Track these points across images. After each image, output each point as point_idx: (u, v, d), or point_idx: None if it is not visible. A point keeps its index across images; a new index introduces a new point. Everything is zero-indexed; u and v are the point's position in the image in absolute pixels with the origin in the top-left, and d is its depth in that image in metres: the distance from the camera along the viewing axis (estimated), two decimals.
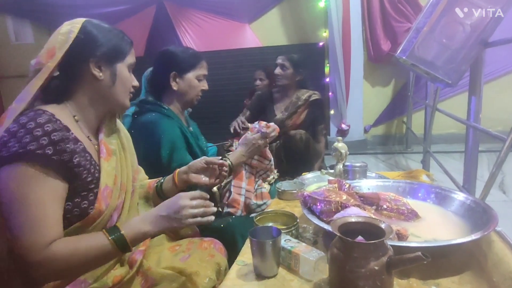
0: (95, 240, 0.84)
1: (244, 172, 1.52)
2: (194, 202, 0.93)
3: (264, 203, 1.48)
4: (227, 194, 1.50)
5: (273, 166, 1.62)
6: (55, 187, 0.81)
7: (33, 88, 0.86)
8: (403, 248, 0.83)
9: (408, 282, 0.82)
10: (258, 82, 3.39)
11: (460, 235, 0.95)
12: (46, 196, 0.79)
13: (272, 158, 1.60)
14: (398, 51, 1.49)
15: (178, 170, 1.22)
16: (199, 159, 1.21)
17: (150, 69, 2.48)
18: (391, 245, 0.77)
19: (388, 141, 4.42)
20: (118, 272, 0.97)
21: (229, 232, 1.34)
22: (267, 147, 1.59)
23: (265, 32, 4.30)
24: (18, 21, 4.65)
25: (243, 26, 4.30)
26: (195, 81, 1.52)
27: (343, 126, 4.11)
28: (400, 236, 0.93)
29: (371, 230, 0.79)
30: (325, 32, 4.01)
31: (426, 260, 0.68)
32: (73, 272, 0.86)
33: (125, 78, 0.99)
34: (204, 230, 1.33)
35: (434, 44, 1.37)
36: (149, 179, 1.27)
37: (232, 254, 1.28)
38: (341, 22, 3.73)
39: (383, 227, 0.76)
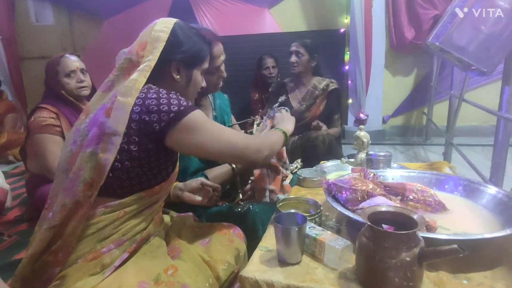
0: (275, 132, 1.25)
1: (265, 173, 1.45)
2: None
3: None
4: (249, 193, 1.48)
5: (287, 170, 1.54)
6: None
7: (140, 84, 0.94)
8: (434, 240, 0.80)
9: (437, 275, 0.79)
10: (271, 70, 3.32)
11: (491, 229, 0.92)
12: None
13: (287, 160, 1.53)
14: (431, 37, 1.41)
15: (175, 184, 1.23)
16: (196, 179, 1.27)
17: None
18: (422, 237, 0.75)
19: (407, 132, 4.33)
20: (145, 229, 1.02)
21: (249, 219, 1.32)
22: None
23: (284, 17, 4.21)
24: (38, 2, 4.68)
25: (263, 11, 4.22)
26: (205, 77, 1.42)
27: (362, 115, 4.04)
28: (429, 228, 0.90)
29: (399, 220, 0.77)
30: (346, 18, 3.91)
31: (463, 253, 0.65)
32: (275, 151, 1.19)
33: (197, 82, 1.09)
34: (224, 216, 1.33)
35: (470, 30, 1.29)
36: None
37: (252, 241, 1.27)
38: (363, 8, 3.62)
39: (415, 218, 0.74)
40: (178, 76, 1.03)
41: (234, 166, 1.46)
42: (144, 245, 1.01)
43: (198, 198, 1.25)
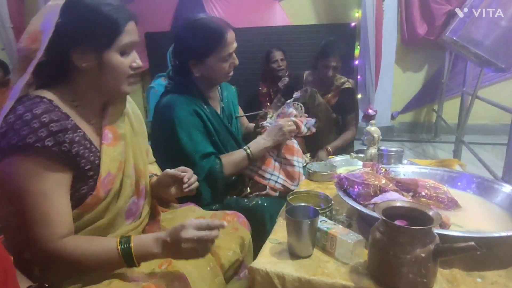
0: (106, 246, 0.82)
1: (272, 160, 1.46)
2: (198, 235, 0.81)
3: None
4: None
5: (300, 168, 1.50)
6: (57, 179, 0.80)
7: (23, 84, 0.80)
8: (449, 236, 0.78)
9: (450, 272, 0.78)
10: (280, 63, 3.28)
11: (505, 228, 0.90)
12: (50, 188, 0.78)
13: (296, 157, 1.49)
14: (448, 31, 1.38)
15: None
16: (163, 172, 1.09)
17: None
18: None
19: (415, 129, 4.29)
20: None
21: (258, 212, 1.32)
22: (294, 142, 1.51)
23: (295, 10, 4.16)
24: None
25: (273, 3, 4.17)
26: (218, 65, 1.36)
27: (370, 111, 3.99)
28: (442, 225, 0.89)
29: (413, 216, 0.76)
30: (358, 12, 3.85)
31: (480, 250, 0.64)
32: (79, 270, 0.83)
33: (115, 65, 0.86)
34: (232, 209, 1.32)
35: (490, 25, 1.25)
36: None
37: (260, 234, 1.26)
38: (375, 2, 3.56)
39: (431, 214, 0.73)
40: (84, 64, 0.83)
41: (249, 151, 1.40)
42: None
43: (175, 191, 1.10)
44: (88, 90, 0.88)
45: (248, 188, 1.58)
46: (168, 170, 1.06)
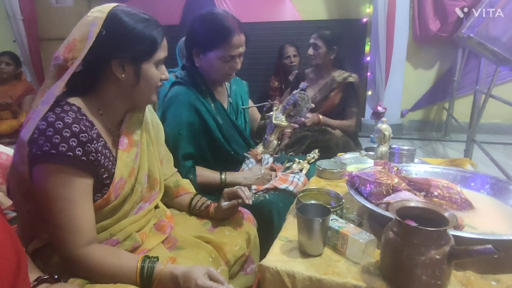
0: (127, 261, 0.84)
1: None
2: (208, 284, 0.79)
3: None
4: None
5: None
6: (84, 186, 0.83)
7: (56, 90, 0.82)
8: (463, 238, 0.77)
9: (464, 274, 0.77)
10: (292, 59, 3.26)
11: None
12: (78, 195, 0.81)
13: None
14: (465, 28, 1.34)
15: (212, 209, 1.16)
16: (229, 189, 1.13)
17: (184, 39, 2.42)
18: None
19: (425, 127, 4.23)
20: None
21: (265, 208, 1.31)
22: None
23: (305, 5, 4.13)
24: None
25: None
26: (217, 62, 1.36)
27: (379, 108, 3.96)
28: (456, 226, 0.87)
29: (427, 217, 0.74)
30: (369, 7, 3.80)
31: (498, 254, 0.62)
32: (97, 280, 0.83)
33: (150, 76, 0.92)
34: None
35: (509, 22, 1.21)
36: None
37: (267, 230, 1.26)
38: None
39: (446, 215, 0.71)
40: (123, 75, 0.88)
41: (224, 178, 1.43)
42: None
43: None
44: (115, 99, 0.92)
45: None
46: (228, 192, 1.12)
